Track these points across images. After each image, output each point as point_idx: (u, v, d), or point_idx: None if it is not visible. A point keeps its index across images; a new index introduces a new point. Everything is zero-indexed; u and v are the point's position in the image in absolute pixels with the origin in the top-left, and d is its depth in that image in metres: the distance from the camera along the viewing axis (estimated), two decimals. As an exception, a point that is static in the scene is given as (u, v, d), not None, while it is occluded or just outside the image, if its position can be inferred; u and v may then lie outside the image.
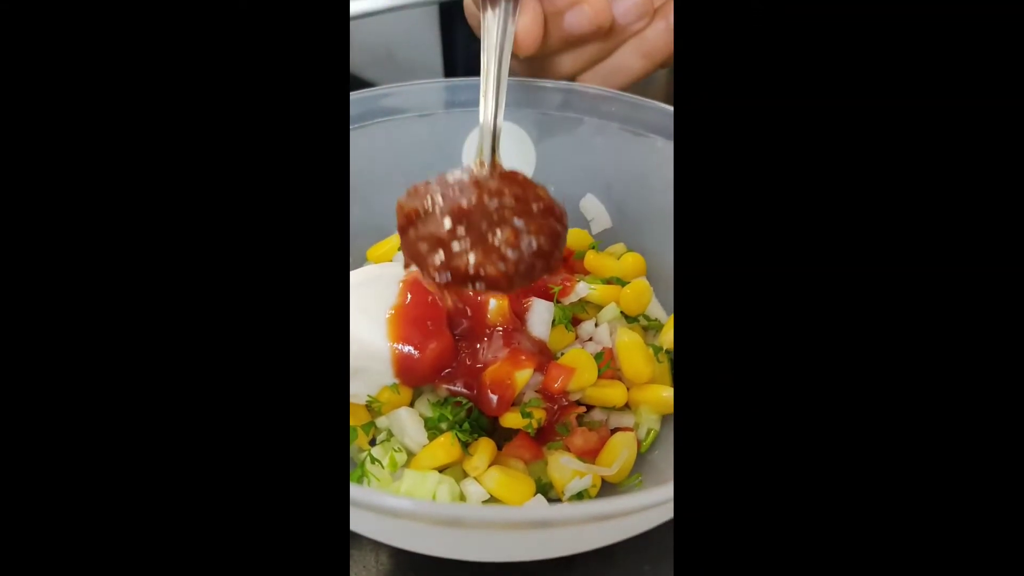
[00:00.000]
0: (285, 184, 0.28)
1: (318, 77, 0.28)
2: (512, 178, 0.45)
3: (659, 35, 0.57)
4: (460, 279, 0.41)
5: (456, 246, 0.41)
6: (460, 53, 1.01)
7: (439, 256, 0.41)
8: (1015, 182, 0.26)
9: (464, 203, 0.41)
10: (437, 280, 0.41)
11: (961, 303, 0.26)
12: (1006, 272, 0.26)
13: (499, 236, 0.40)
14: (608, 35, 0.56)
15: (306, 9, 0.28)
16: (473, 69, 0.51)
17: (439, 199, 0.42)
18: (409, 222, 0.43)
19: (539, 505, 0.43)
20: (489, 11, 0.49)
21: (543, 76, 0.59)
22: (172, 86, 0.27)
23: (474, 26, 0.59)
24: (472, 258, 0.40)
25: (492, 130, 0.48)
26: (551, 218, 0.43)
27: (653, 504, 0.30)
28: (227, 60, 0.28)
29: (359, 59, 1.02)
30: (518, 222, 0.41)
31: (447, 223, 0.41)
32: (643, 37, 0.57)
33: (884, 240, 0.26)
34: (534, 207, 0.43)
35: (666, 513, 0.35)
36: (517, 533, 0.33)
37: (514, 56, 0.51)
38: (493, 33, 0.49)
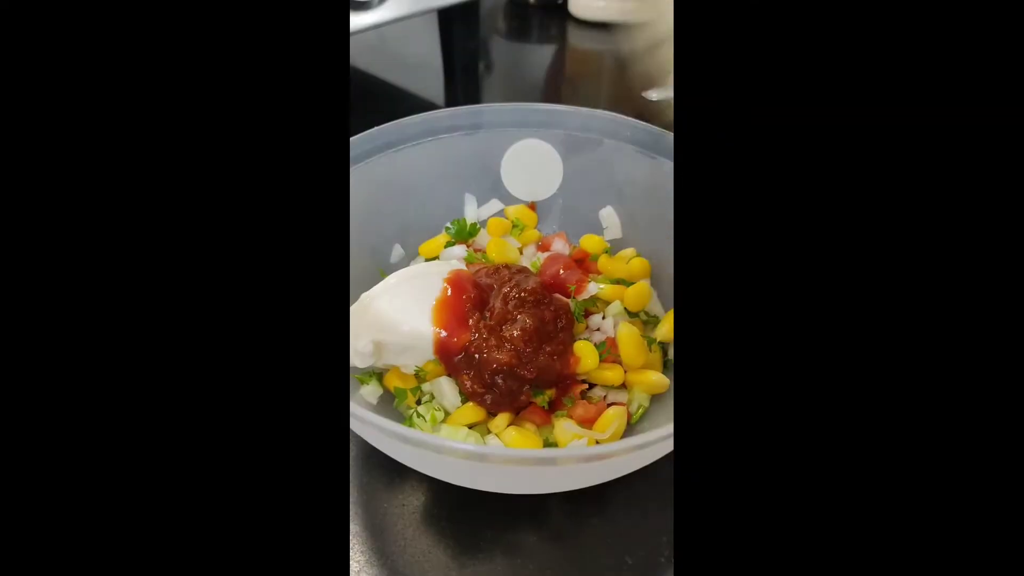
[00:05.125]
0: (284, 203, 0.27)
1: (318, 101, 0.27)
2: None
3: None
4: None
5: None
6: (457, 51, 1.22)
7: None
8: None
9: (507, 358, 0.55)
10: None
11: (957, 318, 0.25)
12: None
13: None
14: None
15: (306, 25, 0.27)
16: (468, 65, 0.58)
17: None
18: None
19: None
20: None
21: None
22: (167, 100, 0.26)
23: None
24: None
25: None
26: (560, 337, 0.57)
27: (632, 447, 0.40)
28: (223, 74, 0.26)
29: (369, 60, 1.27)
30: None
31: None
32: None
33: (880, 243, 0.25)
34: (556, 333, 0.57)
35: (649, 455, 0.45)
36: (524, 468, 0.45)
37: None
38: None
